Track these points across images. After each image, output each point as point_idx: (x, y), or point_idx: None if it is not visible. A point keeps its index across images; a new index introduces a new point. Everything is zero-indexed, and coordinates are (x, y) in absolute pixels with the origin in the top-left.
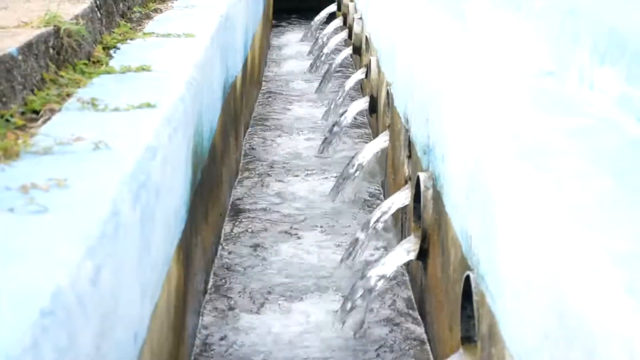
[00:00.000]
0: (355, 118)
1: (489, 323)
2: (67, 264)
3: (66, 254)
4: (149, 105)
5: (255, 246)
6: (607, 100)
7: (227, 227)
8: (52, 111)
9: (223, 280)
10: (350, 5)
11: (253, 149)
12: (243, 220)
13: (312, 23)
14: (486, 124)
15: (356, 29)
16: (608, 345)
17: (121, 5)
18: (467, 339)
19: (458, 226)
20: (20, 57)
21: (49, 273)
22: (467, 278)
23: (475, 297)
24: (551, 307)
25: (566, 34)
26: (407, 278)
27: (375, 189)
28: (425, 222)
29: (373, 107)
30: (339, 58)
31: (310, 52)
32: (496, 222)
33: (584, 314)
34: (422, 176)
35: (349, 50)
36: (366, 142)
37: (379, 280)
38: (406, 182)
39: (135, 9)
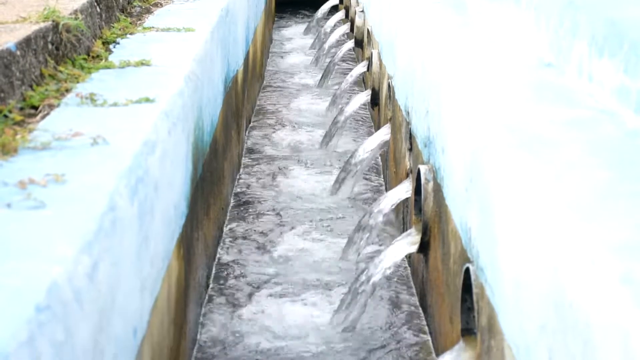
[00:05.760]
0: (357, 111)
1: (488, 315)
2: (64, 259)
3: (63, 249)
4: (147, 100)
5: (257, 239)
6: (606, 91)
7: (229, 221)
8: (51, 106)
9: (225, 274)
10: None
11: (255, 142)
12: (245, 213)
13: (315, 16)
14: (485, 116)
15: (358, 22)
16: (604, 335)
17: (121, 0)
18: (467, 331)
19: (458, 218)
20: (18, 53)
21: (46, 268)
22: (467, 270)
23: (474, 290)
24: (548, 298)
25: (565, 25)
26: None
27: (378, 182)
28: (425, 214)
29: (375, 100)
30: (341, 51)
31: (312, 46)
32: (495, 214)
33: (580, 305)
34: (423, 169)
35: (351, 44)
36: (368, 135)
37: (381, 272)
38: (407, 175)
39: (135, 3)
